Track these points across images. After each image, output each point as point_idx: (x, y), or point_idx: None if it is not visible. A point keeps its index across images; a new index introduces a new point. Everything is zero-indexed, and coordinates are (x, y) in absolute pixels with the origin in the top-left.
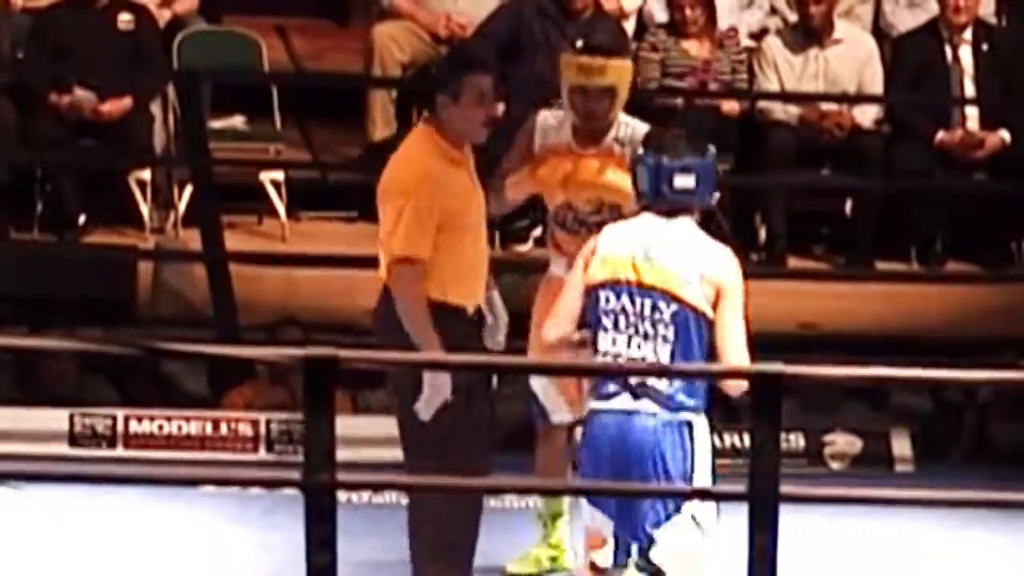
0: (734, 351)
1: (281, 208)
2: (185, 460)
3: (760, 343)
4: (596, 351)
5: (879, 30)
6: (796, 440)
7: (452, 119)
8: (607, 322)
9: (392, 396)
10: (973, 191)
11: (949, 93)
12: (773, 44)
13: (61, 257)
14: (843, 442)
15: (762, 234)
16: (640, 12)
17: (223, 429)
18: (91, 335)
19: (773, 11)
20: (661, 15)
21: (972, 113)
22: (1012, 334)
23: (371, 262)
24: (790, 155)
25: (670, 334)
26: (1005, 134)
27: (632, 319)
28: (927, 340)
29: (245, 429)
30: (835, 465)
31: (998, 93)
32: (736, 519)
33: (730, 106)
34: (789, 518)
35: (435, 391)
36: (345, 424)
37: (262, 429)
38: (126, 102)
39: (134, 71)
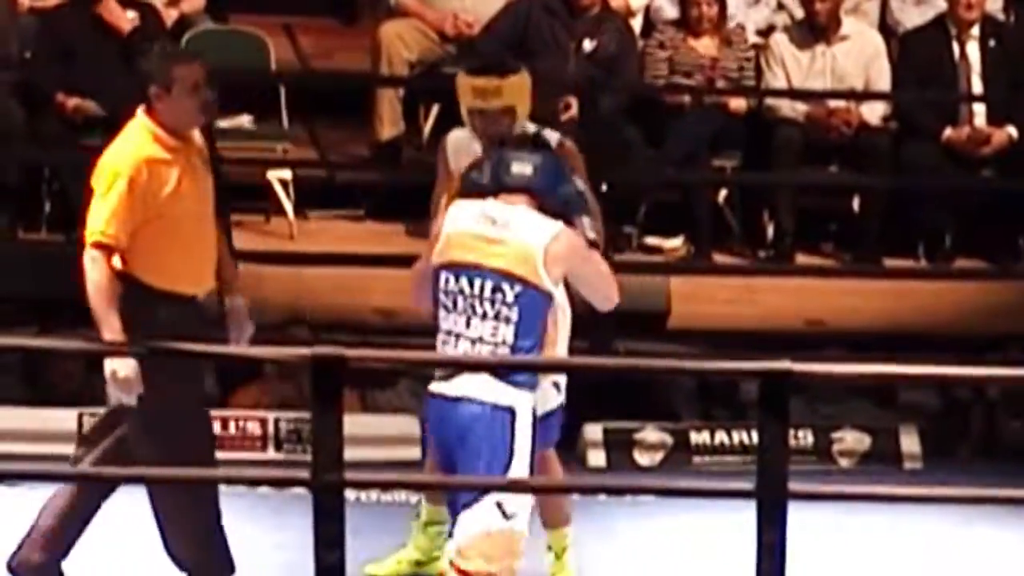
0: (601, 284)
1: (289, 207)
2: None
3: (768, 340)
4: (439, 330)
5: (886, 26)
6: (804, 437)
7: (167, 109)
8: (447, 302)
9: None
10: (981, 188)
11: (956, 90)
12: (780, 41)
13: (69, 257)
14: (851, 439)
15: (770, 231)
16: (647, 9)
17: (231, 428)
18: (99, 335)
19: (780, 7)
20: (671, 12)
21: (980, 110)
22: (1020, 331)
23: (380, 260)
24: (797, 152)
25: (513, 314)
26: (1013, 130)
27: (470, 300)
28: (935, 337)
29: (253, 428)
30: (844, 462)
31: (1006, 89)
32: (745, 516)
33: (737, 103)
34: (798, 515)
35: (113, 377)
36: (353, 423)
37: (270, 428)
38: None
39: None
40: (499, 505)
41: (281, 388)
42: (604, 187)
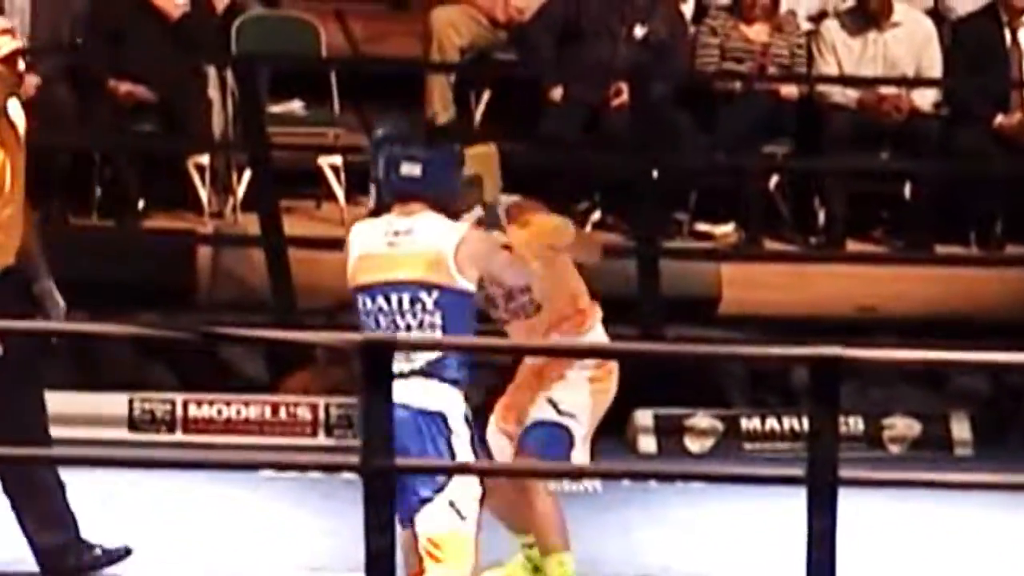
0: (505, 269)
1: (340, 192)
2: (244, 445)
3: (819, 326)
4: None
5: (937, 13)
6: (855, 424)
7: None
8: (369, 323)
9: None
10: None
11: (1007, 76)
12: (831, 27)
13: (120, 242)
14: (902, 425)
15: (821, 217)
16: None
17: (282, 413)
18: (150, 320)
19: None
20: None
21: None
22: None
23: None
24: (848, 138)
25: (437, 319)
26: None
27: (391, 316)
28: (986, 323)
29: (304, 413)
30: (894, 449)
31: None
32: (795, 503)
33: (789, 90)
34: (848, 502)
35: None
36: None
37: (321, 413)
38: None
39: (189, 56)
40: (452, 504)
41: (331, 373)
42: (655, 173)
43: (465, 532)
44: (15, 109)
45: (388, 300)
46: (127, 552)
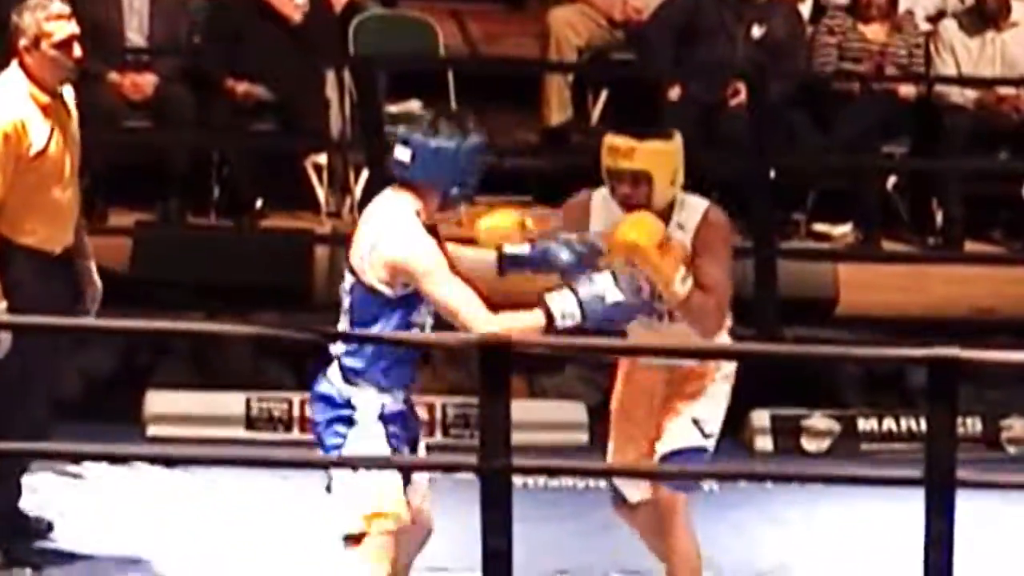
0: (457, 316)
1: None
2: None
3: (936, 327)
4: None
5: None
6: (973, 425)
7: (36, 64)
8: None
9: None
10: None
11: None
12: (949, 27)
13: (238, 242)
14: (1020, 427)
15: (939, 218)
16: None
17: None
18: (267, 320)
19: None
20: None
21: None
22: None
23: None
24: (967, 139)
25: (346, 304)
26: None
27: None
28: None
29: (421, 413)
30: (1012, 450)
31: None
32: (912, 504)
33: (907, 90)
34: (966, 503)
35: None
36: (521, 408)
37: (438, 413)
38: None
39: (308, 56)
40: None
41: (449, 373)
42: (772, 173)
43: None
44: (69, 94)
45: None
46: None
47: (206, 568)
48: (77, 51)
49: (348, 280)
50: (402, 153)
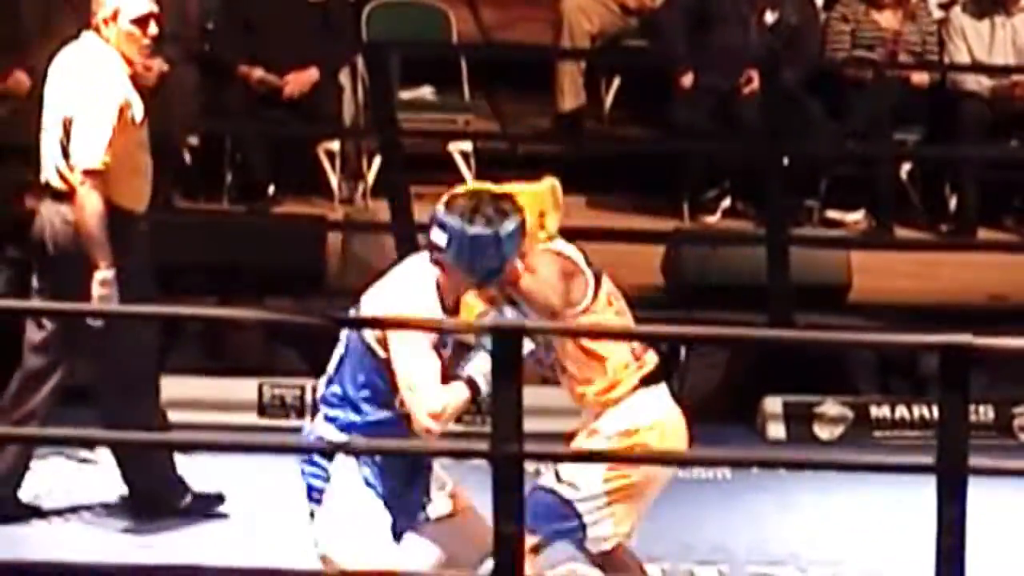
0: (409, 390)
1: (469, 178)
2: None
3: (949, 314)
4: None
5: None
6: (985, 412)
7: (113, 38)
8: None
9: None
10: None
11: None
12: (960, 14)
13: (250, 227)
14: None
15: (952, 205)
16: None
17: None
18: (280, 305)
19: None
20: None
21: None
22: None
23: (561, 232)
24: (981, 126)
25: (341, 349)
26: None
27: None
28: None
29: None
30: None
31: None
32: (924, 491)
33: (920, 77)
34: (978, 491)
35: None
36: (532, 394)
37: None
38: (309, 75)
39: (323, 42)
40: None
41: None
42: (785, 160)
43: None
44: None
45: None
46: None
47: (217, 553)
48: (153, 28)
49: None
50: (438, 237)
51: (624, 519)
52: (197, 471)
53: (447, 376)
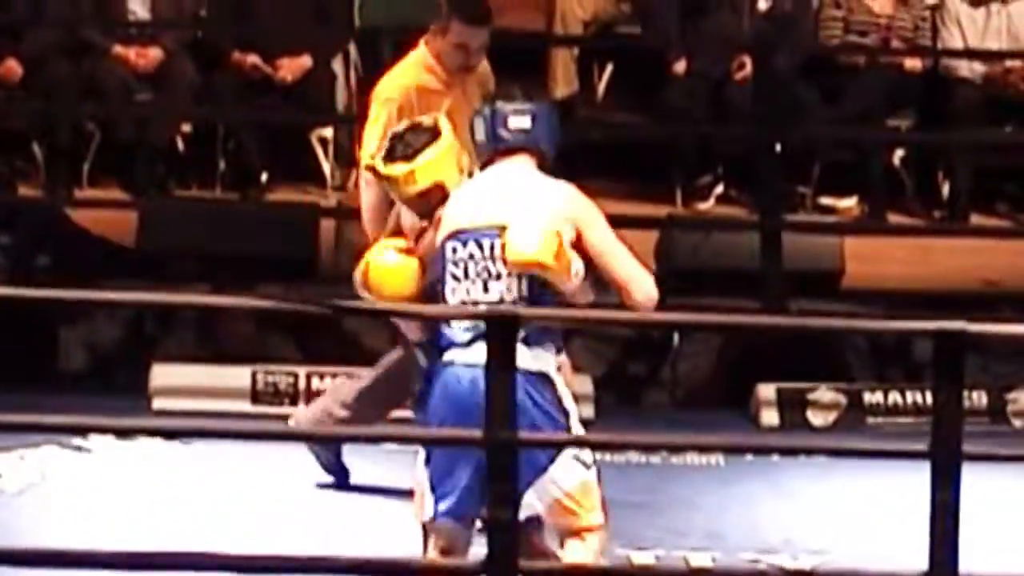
0: (623, 270)
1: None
2: None
3: (943, 300)
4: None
5: None
6: (979, 398)
7: (434, 48)
8: (457, 272)
9: None
10: None
11: None
12: (956, 0)
13: (243, 214)
14: None
15: (945, 191)
16: None
17: None
18: (273, 292)
19: None
20: None
21: None
22: None
23: None
24: (975, 112)
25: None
26: None
27: (483, 263)
28: None
29: None
30: (1018, 423)
31: None
32: (918, 477)
33: (913, 63)
34: (971, 476)
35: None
36: None
37: None
38: (303, 62)
39: (316, 29)
40: (577, 458)
41: None
42: (778, 147)
43: (592, 479)
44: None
45: (480, 246)
46: None
47: (211, 541)
48: (475, 60)
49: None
50: (521, 121)
51: None
52: (190, 458)
53: None
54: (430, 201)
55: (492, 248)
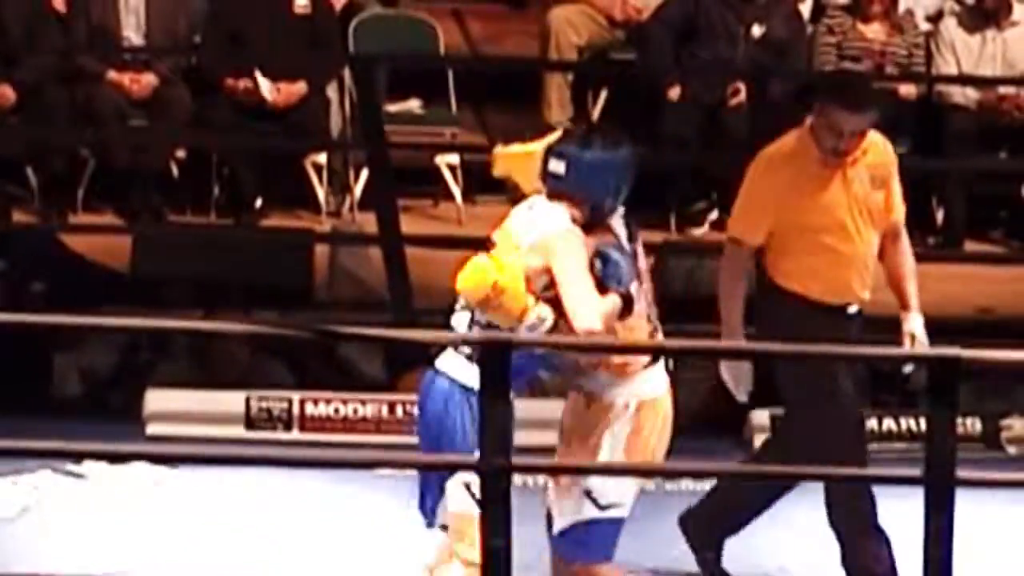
0: (568, 300)
1: (457, 192)
2: (361, 443)
3: (937, 327)
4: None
5: None
6: (972, 424)
7: (817, 126)
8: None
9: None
10: None
11: None
12: (950, 26)
13: (238, 240)
14: (1020, 426)
15: (939, 217)
16: None
17: (399, 412)
18: (268, 318)
19: None
20: None
21: None
22: None
23: None
24: (969, 139)
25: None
26: None
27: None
28: None
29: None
30: (1012, 450)
31: None
32: (912, 503)
33: (907, 89)
34: (965, 503)
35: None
36: (521, 407)
37: None
38: (299, 87)
39: (311, 55)
40: (468, 487)
41: None
42: None
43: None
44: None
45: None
46: None
47: (204, 567)
48: (847, 144)
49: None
50: (556, 165)
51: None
52: (184, 484)
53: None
54: None
55: None
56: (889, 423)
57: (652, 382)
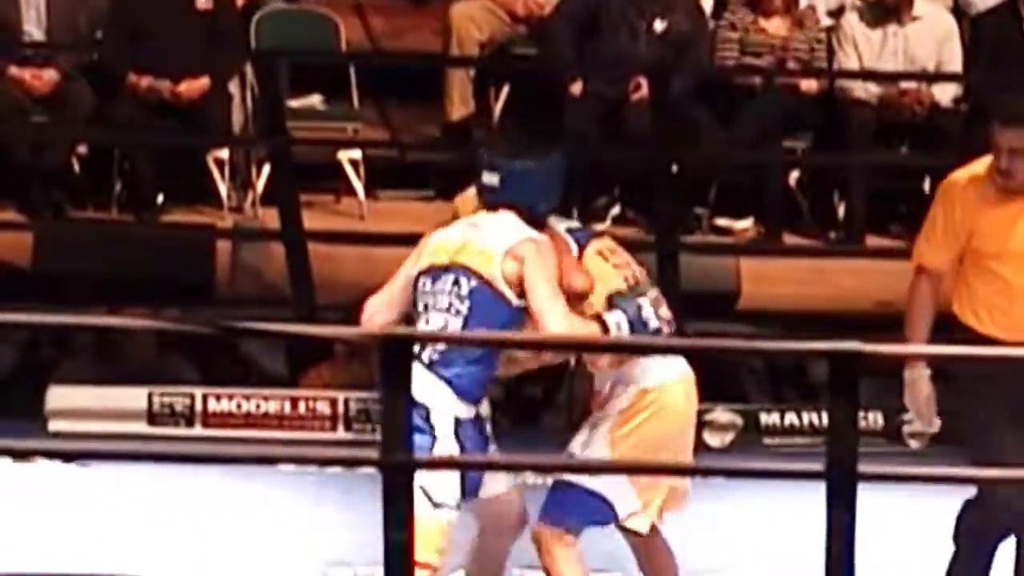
0: (536, 303)
1: (359, 187)
2: (263, 439)
3: (838, 321)
4: None
5: (958, 8)
6: (874, 419)
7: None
8: (419, 306)
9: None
10: None
11: None
12: (852, 21)
13: (139, 236)
14: None
15: (840, 212)
16: None
17: (301, 408)
18: (169, 314)
19: None
20: None
21: None
22: None
23: None
24: (870, 133)
25: (464, 308)
26: None
27: (433, 296)
28: None
29: (323, 408)
30: (914, 444)
31: None
32: (814, 497)
33: (809, 84)
34: (867, 497)
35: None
36: None
37: (340, 408)
38: (202, 83)
39: (212, 51)
40: (423, 489)
41: (351, 368)
42: (675, 168)
43: (432, 519)
44: None
45: (435, 281)
46: None
47: (108, 564)
48: (1008, 163)
49: (465, 286)
50: (490, 178)
51: (648, 488)
52: (86, 480)
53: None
54: None
55: (444, 283)
56: (791, 417)
57: (653, 371)
